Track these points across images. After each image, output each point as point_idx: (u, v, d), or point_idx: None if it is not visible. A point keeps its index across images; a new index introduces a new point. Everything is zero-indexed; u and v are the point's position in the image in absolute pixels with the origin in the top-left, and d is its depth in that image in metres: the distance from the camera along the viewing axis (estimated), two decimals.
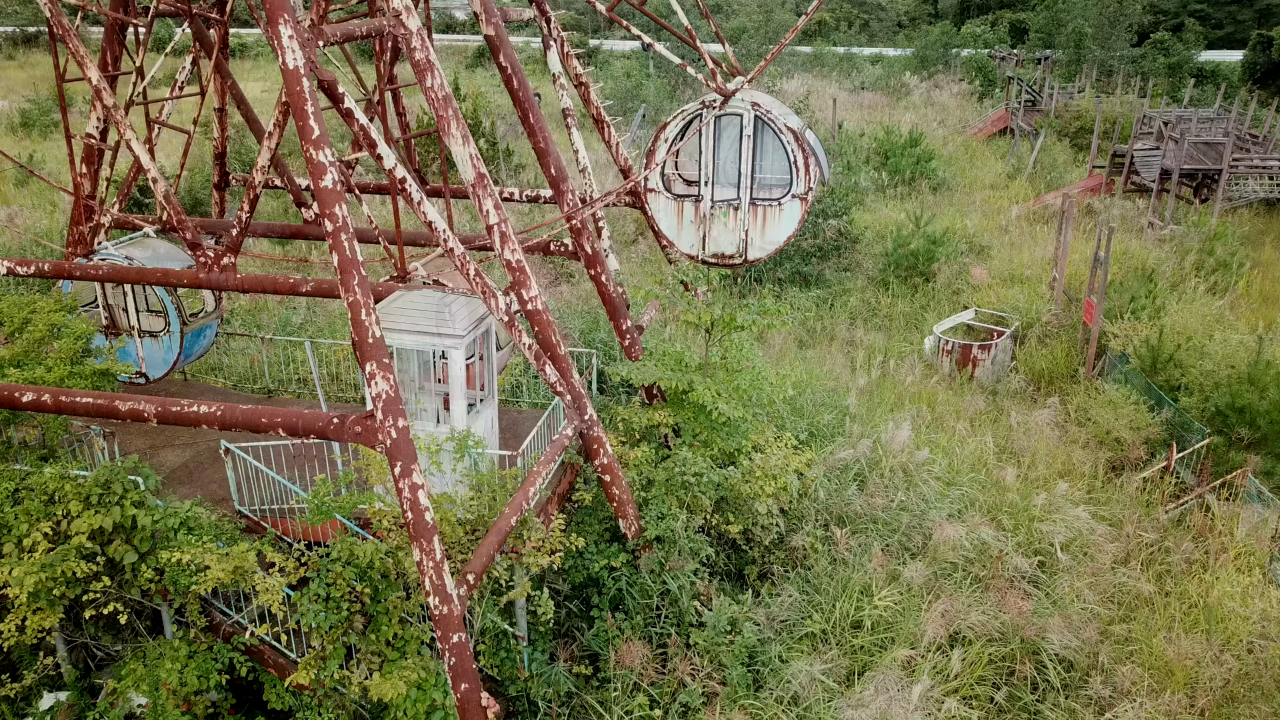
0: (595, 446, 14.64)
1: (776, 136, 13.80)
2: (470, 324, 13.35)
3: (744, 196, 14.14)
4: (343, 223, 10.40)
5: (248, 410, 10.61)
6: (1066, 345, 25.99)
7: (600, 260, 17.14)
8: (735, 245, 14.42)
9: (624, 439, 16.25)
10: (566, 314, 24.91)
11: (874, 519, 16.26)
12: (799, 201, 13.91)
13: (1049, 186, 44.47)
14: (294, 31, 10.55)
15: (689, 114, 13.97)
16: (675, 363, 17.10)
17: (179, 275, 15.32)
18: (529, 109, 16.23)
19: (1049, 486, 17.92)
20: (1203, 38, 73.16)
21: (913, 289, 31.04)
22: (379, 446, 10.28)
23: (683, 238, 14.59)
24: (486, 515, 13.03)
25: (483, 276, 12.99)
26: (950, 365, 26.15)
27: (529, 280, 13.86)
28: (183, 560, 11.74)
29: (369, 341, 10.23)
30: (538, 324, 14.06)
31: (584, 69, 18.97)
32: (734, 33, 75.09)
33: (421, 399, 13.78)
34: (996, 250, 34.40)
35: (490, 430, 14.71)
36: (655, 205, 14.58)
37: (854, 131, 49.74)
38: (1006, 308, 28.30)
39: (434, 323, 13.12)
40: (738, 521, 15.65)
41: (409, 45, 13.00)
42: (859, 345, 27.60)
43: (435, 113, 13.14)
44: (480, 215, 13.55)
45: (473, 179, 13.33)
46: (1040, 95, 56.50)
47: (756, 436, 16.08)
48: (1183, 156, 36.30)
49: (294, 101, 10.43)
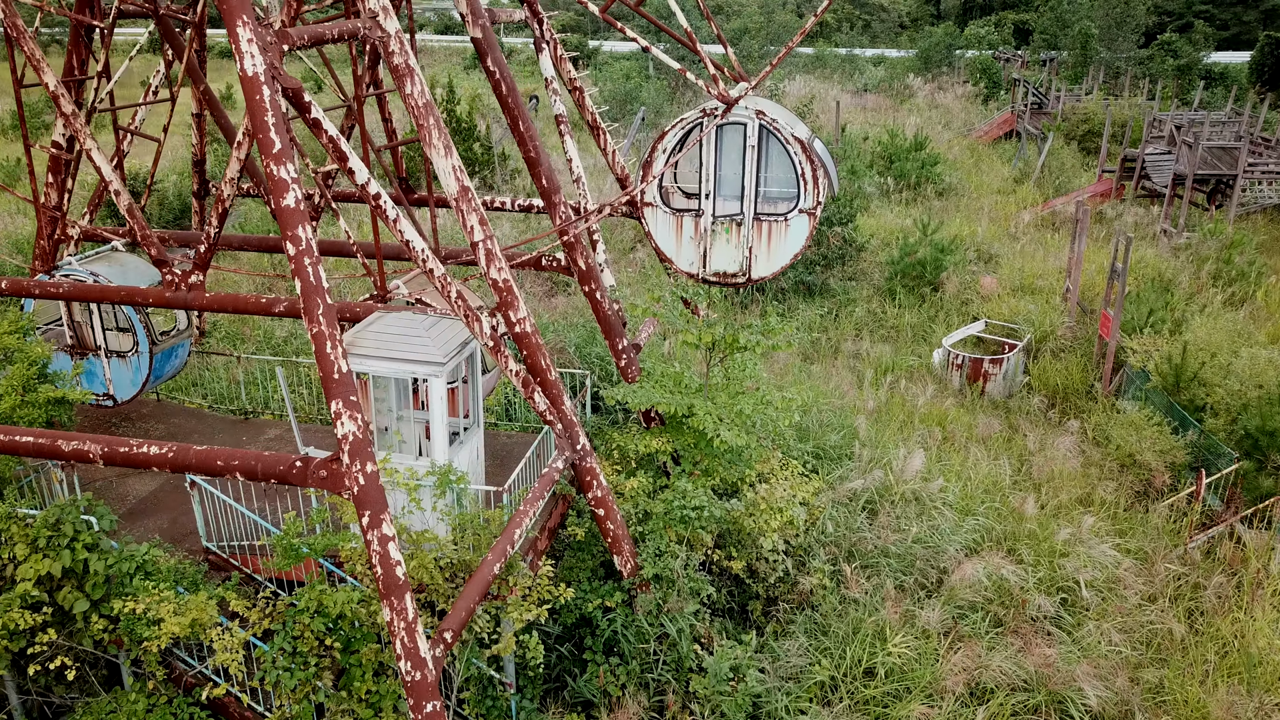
0: (588, 479, 13.67)
1: (782, 147, 12.83)
2: (453, 349, 12.37)
3: (747, 211, 13.17)
4: (306, 246, 9.42)
5: (202, 452, 9.63)
6: (1081, 359, 25.00)
7: (595, 276, 16.17)
8: (738, 263, 13.45)
9: (619, 467, 15.27)
10: (562, 327, 23.93)
11: (885, 552, 15.27)
12: (807, 217, 12.93)
13: (1057, 191, 43.48)
14: (254, 34, 9.58)
15: (688, 123, 13.00)
16: (674, 384, 16.12)
17: (144, 294, 14.36)
18: (519, 116, 15.28)
19: (1070, 516, 16.95)
20: (1212, 39, 72.12)
21: (920, 299, 30.04)
22: (345, 493, 9.30)
23: (682, 255, 13.62)
24: (471, 558, 12.05)
25: (465, 299, 12.02)
26: (960, 380, 25.16)
27: (517, 301, 12.89)
28: (136, 610, 10.76)
29: (335, 377, 9.25)
30: (526, 347, 13.10)
31: (579, 72, 18.02)
32: (735, 34, 74.15)
33: (400, 429, 12.79)
34: (1006, 258, 33.40)
35: (476, 461, 13.73)
36: (652, 220, 13.60)
37: (857, 135, 48.75)
38: (1018, 319, 27.30)
39: (413, 348, 12.14)
40: (740, 556, 14.68)
41: (386, 49, 12.05)
42: (865, 358, 26.62)
43: (415, 121, 12.21)
44: (465, 231, 12.58)
45: (456, 192, 12.38)
46: (1046, 97, 55.52)
47: (761, 465, 15.10)
48: (1196, 161, 35.31)
49: (253, 112, 9.46)
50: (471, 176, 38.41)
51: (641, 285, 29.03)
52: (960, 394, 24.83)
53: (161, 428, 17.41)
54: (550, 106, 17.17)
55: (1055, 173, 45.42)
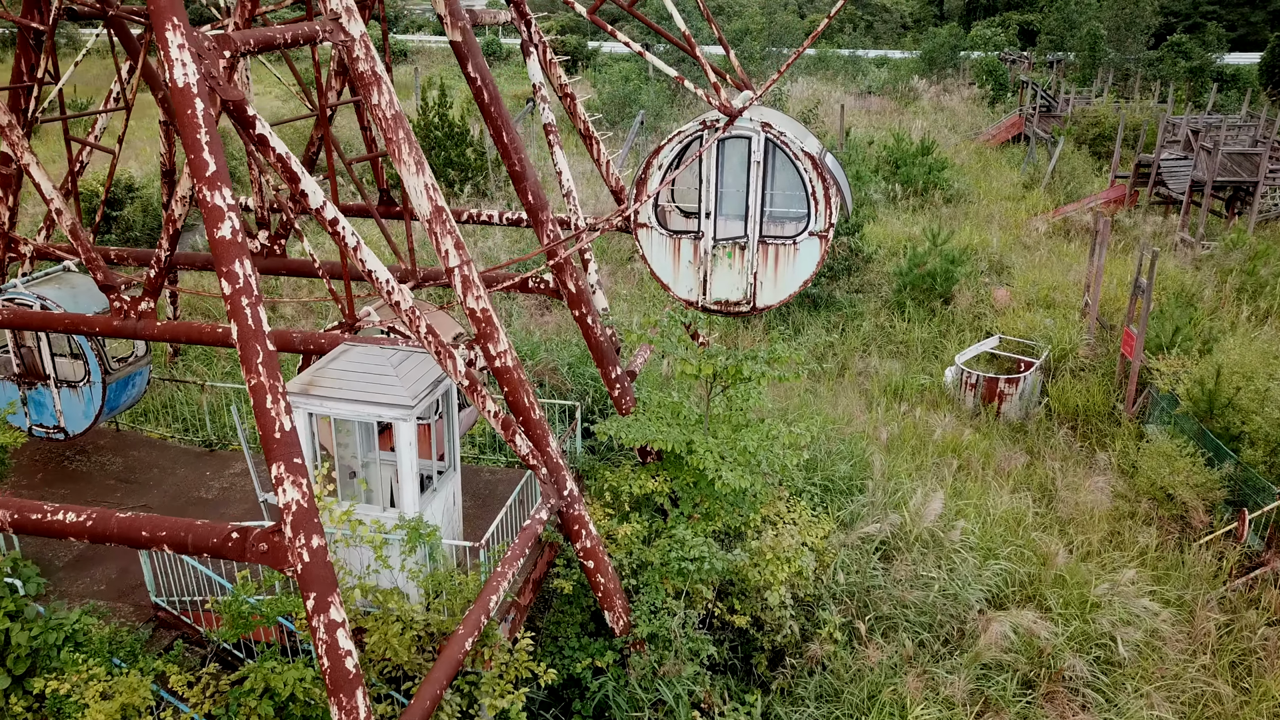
0: (577, 528, 12.40)
1: (791, 163, 11.55)
2: (423, 389, 11.09)
3: (752, 233, 11.89)
4: (244, 284, 8.15)
5: (126, 521, 8.35)
6: (1102, 378, 23.72)
7: (586, 299, 14.90)
8: (742, 290, 12.17)
9: (611, 510, 13.99)
10: (555, 344, 22.64)
11: (902, 602, 13.98)
12: (818, 240, 11.65)
13: (1069, 197, 42.18)
14: (186, 40, 8.31)
15: (686, 136, 11.73)
16: (672, 415, 14.85)
17: (90, 322, 13.09)
18: (503, 126, 14.03)
19: (1101, 558, 15.67)
20: (1225, 40, 70.77)
21: (930, 312, 28.74)
22: (288, 570, 8.03)
23: (680, 281, 12.35)
24: (444, 622, 10.77)
25: (436, 334, 10.75)
26: (974, 400, 23.88)
27: (497, 333, 11.62)
28: (60, 690, 9.50)
29: (276, 436, 7.97)
30: (508, 384, 11.82)
31: (570, 78, 16.76)
32: (735, 35, 72.87)
33: (367, 476, 11.51)
34: (1018, 269, 32.12)
35: (452, 509, 12.45)
36: (647, 243, 12.33)
37: (862, 139, 47.43)
38: (1033, 335, 26.01)
39: (378, 388, 10.86)
40: (744, 609, 13.40)
41: (350, 55, 10.78)
42: (874, 376, 25.35)
43: (384, 136, 10.94)
44: (439, 257, 11.32)
45: (429, 213, 11.11)
46: (1055, 100, 54.21)
47: (767, 508, 13.81)
48: (1215, 168, 34.02)
49: (184, 129, 8.19)
50: (464, 183, 37.13)
51: (639, 300, 27.75)
52: (974, 415, 23.57)
53: (119, 461, 16.14)
54: (540, 114, 15.91)
55: (1066, 178, 44.11)
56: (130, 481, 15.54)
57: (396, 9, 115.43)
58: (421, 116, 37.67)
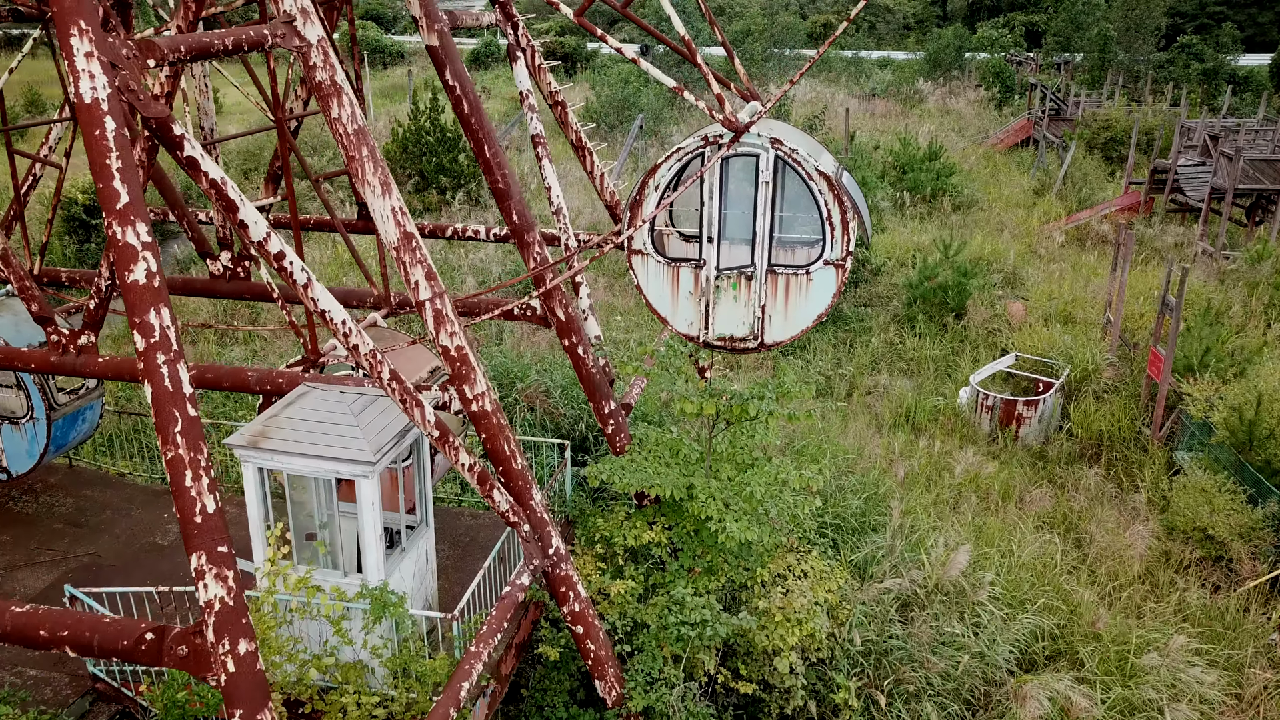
0: (564, 589, 11.10)
1: (804, 183, 10.27)
2: (389, 440, 9.82)
3: (760, 262, 10.60)
4: (160, 337, 6.86)
5: (21, 616, 7.07)
6: (1126, 400, 22.41)
7: (576, 327, 13.61)
8: (749, 325, 10.88)
9: (604, 564, 12.70)
10: (548, 365, 21.35)
11: (923, 663, 12.69)
12: (834, 270, 10.37)
13: (1081, 204, 40.90)
14: (96, 47, 7.03)
15: (686, 153, 10.44)
16: (671, 453, 13.56)
17: (24, 357, 11.82)
18: (484, 139, 12.74)
19: (1139, 609, 14.37)
20: (1239, 41, 69.41)
21: (941, 327, 27.43)
22: (211, 680, 6.74)
23: (679, 314, 11.06)
24: (413, 705, 9.50)
25: (400, 380, 9.46)
26: (991, 423, 22.58)
27: (474, 373, 10.33)
28: None
29: (196, 520, 6.69)
30: (486, 430, 10.53)
31: (565, 82, 15.48)
32: (737, 36, 71.61)
33: (325, 538, 10.22)
34: (1033, 281, 30.82)
35: (424, 569, 11.17)
36: (643, 271, 11.04)
37: (867, 143, 46.10)
38: (1052, 353, 24.70)
39: (337, 441, 9.58)
40: (750, 673, 12.11)
41: (306, 62, 9.50)
42: (886, 395, 24.07)
43: (345, 153, 9.65)
44: (408, 289, 10.04)
45: (396, 241, 9.84)
46: (1065, 103, 52.90)
47: (776, 564, 12.52)
48: (1237, 175, 32.71)
49: (91, 152, 6.90)
50: (457, 190, 35.84)
51: (638, 315, 26.45)
52: (991, 439, 22.28)
53: (69, 502, 14.86)
54: (528, 124, 14.63)
55: (1077, 183, 42.83)
56: (80, 525, 14.27)
57: (395, 9, 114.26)
58: (413, 121, 36.40)
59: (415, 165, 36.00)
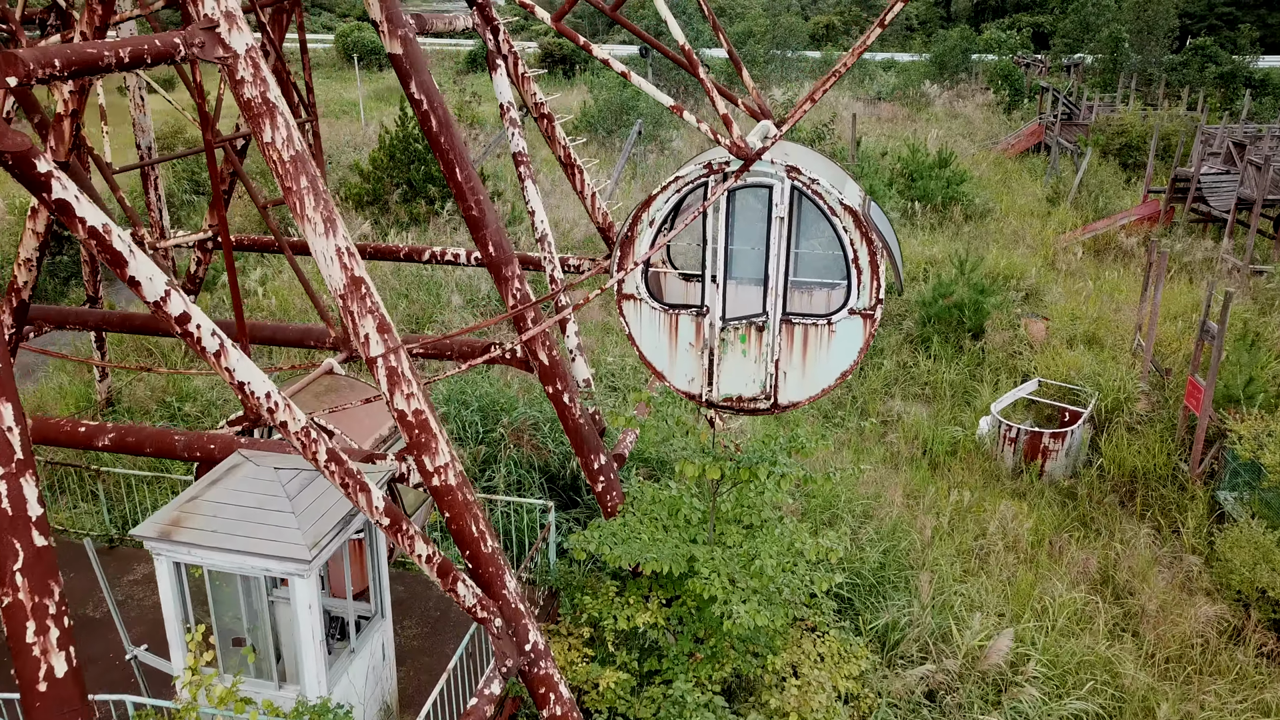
0: (544, 690, 9.51)
1: (825, 218, 8.68)
2: (330, 528, 8.22)
3: (773, 310, 9.00)
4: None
5: None
6: (1160, 432, 20.79)
7: (561, 373, 12.05)
8: (760, 383, 9.28)
9: (592, 650, 11.08)
10: (537, 396, 19.72)
11: None
12: (861, 320, 8.77)
13: (1097, 213, 39.26)
14: None
15: (686, 182, 8.84)
16: (669, 514, 11.95)
17: None
18: (456, 160, 11.18)
19: (1196, 684, 12.77)
20: (1258, 43, 67.72)
21: (957, 349, 25.81)
22: None
23: (678, 368, 9.46)
24: None
25: (343, 461, 7.86)
26: (1015, 457, 20.96)
27: (436, 441, 8.75)
28: None
29: (39, 688, 5.09)
30: (450, 508, 8.95)
31: (559, 87, 13.91)
32: (738, 38, 70.03)
33: (255, 642, 8.61)
34: (1053, 298, 29.19)
35: (380, 668, 9.55)
36: (635, 318, 9.43)
37: (874, 149, 44.47)
38: (1078, 378, 23.08)
39: (267, 529, 7.99)
40: None
41: (232, 76, 7.92)
42: (901, 424, 22.46)
43: (281, 183, 8.07)
44: (358, 343, 8.46)
45: (342, 287, 8.27)
46: (1078, 107, 51.27)
47: (790, 652, 10.91)
48: (1266, 185, 31.10)
49: None
50: (444, 202, 34.23)
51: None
52: (1014, 474, 20.67)
53: None
54: (511, 141, 13.05)
55: (1093, 191, 41.18)
56: None
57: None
58: (400, 127, 34.80)
59: (403, 174, 34.42)
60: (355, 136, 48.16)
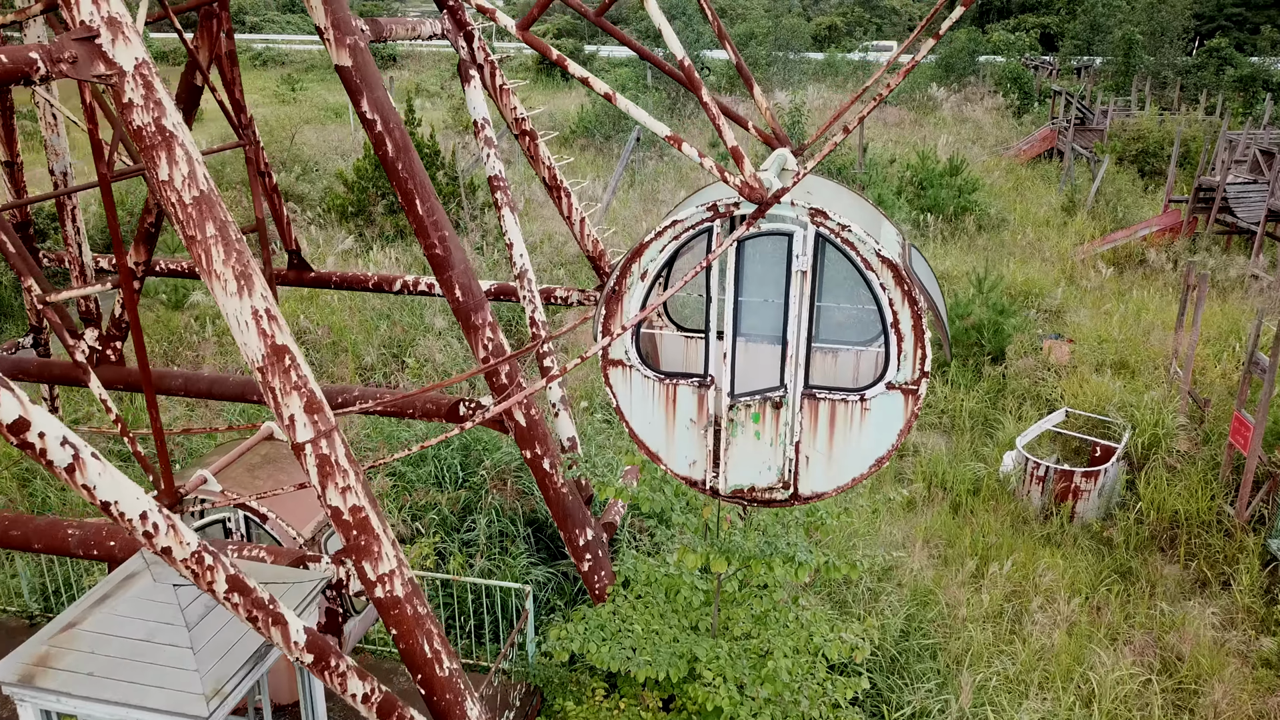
0: None
1: (858, 271, 7.03)
2: (238, 668, 6.56)
3: (793, 382, 7.35)
4: None
5: None
6: (1202, 470, 19.12)
7: (540, 434, 10.43)
8: (776, 470, 7.62)
9: None
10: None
11: None
12: (903, 397, 7.13)
13: (1116, 224, 37.59)
14: None
15: (686, 227, 7.19)
16: (667, 595, 10.31)
17: None
18: (415, 191, 9.57)
19: None
20: (1277, 45, 65.95)
21: (976, 374, 24.14)
22: None
23: (676, 449, 7.80)
24: None
25: (249, 590, 6.20)
26: (1043, 497, 19.29)
27: (379, 544, 7.11)
28: None
29: None
30: (397, 624, 7.31)
31: (527, 110, 12.26)
32: (740, 40, 68.33)
33: None
34: (1072, 314, 27.55)
35: None
36: (624, 389, 7.77)
37: (882, 156, 42.80)
38: (1108, 408, 21.42)
39: (155, 675, 6.32)
40: None
41: (119, 98, 6.27)
42: (918, 456, 20.82)
43: (181, 231, 6.43)
44: (282, 426, 6.82)
45: (261, 358, 6.63)
46: (1091, 111, 49.58)
47: None
48: None
49: None
50: None
51: None
52: (1043, 516, 19.01)
53: None
54: (486, 163, 11.42)
55: (1111, 201, 39.51)
56: None
57: (389, 9, 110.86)
58: None
59: (388, 184, 32.79)
60: (344, 143, 46.53)
